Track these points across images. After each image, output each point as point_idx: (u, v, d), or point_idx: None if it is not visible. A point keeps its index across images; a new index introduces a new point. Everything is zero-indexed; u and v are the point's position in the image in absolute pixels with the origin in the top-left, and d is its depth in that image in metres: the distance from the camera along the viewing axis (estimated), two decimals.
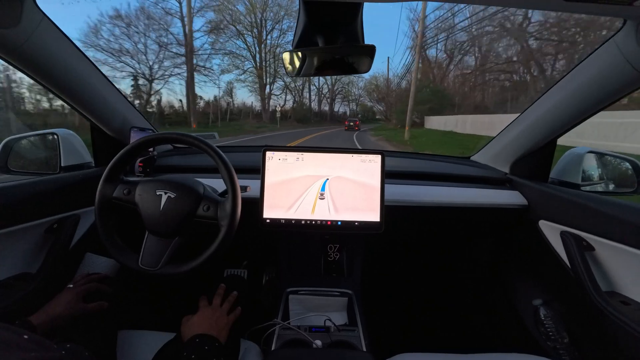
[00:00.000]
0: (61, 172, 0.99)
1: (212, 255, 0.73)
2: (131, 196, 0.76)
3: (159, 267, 0.73)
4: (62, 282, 0.79)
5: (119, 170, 0.79)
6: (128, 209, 0.77)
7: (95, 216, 0.76)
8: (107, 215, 0.77)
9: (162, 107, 19.26)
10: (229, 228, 0.73)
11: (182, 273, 0.73)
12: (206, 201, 0.76)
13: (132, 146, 0.78)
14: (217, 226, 0.74)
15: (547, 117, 0.94)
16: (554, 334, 0.95)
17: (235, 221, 0.74)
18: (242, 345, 0.80)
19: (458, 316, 1.43)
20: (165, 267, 0.74)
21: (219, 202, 0.76)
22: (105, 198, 0.77)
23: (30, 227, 0.82)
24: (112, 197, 0.77)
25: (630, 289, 0.75)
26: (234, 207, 0.73)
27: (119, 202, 0.77)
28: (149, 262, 0.74)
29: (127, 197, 0.77)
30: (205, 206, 0.76)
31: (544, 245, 0.96)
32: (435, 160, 1.40)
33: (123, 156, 0.78)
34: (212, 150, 0.76)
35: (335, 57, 0.71)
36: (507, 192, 1.11)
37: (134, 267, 0.74)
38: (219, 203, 0.76)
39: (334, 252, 1.17)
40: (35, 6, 0.68)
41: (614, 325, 0.74)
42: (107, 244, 0.76)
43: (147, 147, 0.82)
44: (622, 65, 0.68)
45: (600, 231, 0.79)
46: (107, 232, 0.76)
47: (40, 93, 11.79)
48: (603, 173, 1.09)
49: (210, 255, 0.73)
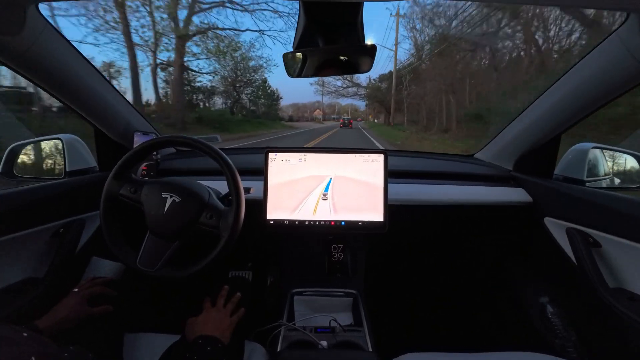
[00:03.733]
0: (66, 177, 1.00)
1: (209, 263, 0.74)
2: (137, 195, 0.77)
3: (157, 269, 0.74)
4: (68, 286, 0.79)
5: (127, 168, 0.80)
6: (133, 207, 0.78)
7: (99, 211, 0.77)
8: (112, 211, 0.78)
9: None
10: (229, 239, 0.74)
11: (179, 278, 0.74)
12: (210, 210, 0.77)
13: (143, 146, 0.79)
14: (218, 235, 0.75)
15: (550, 113, 0.93)
16: (561, 331, 0.94)
17: (235, 233, 0.75)
18: (248, 347, 0.80)
19: (464, 315, 1.42)
20: (163, 270, 0.74)
21: (222, 212, 0.77)
22: (112, 194, 0.78)
23: (37, 232, 0.83)
24: (118, 193, 0.78)
25: (638, 285, 0.74)
26: (236, 219, 0.74)
27: (125, 199, 0.78)
28: (147, 263, 0.75)
29: (134, 196, 0.78)
30: (208, 214, 0.76)
31: (549, 242, 0.95)
32: (438, 158, 1.39)
33: (133, 155, 0.79)
34: (216, 154, 0.77)
35: (336, 57, 0.71)
36: (511, 190, 1.10)
37: (131, 265, 0.75)
38: (222, 213, 0.77)
39: (337, 252, 1.16)
40: (38, 13, 0.68)
41: (621, 322, 0.74)
42: (109, 238, 0.76)
43: (155, 149, 0.83)
44: (626, 59, 0.67)
45: (607, 227, 0.78)
46: (110, 227, 0.77)
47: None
48: (608, 168, 1.08)
49: (207, 263, 0.74)
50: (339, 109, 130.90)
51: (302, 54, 0.70)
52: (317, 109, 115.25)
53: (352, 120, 34.98)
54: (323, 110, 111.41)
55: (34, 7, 0.66)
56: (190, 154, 1.35)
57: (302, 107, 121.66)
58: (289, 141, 15.07)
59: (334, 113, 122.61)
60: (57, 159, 1.05)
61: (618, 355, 0.82)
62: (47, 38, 0.72)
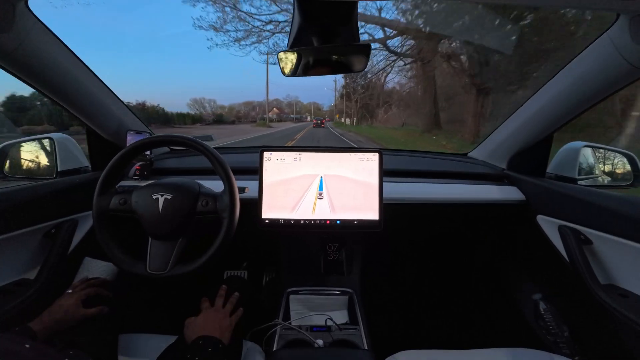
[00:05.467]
0: (58, 177, 0.99)
1: (219, 247, 0.74)
2: (128, 205, 0.76)
3: (169, 269, 0.73)
4: (61, 288, 0.78)
5: (111, 180, 0.78)
6: (127, 218, 0.76)
7: (95, 230, 0.76)
8: (107, 227, 0.77)
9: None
10: (231, 218, 0.74)
11: (194, 270, 0.73)
12: (204, 197, 0.77)
13: (122, 154, 0.77)
14: (219, 219, 0.75)
15: (543, 112, 0.94)
16: (554, 327, 0.95)
17: (236, 210, 0.75)
18: (244, 347, 0.80)
19: (459, 312, 1.44)
20: (175, 268, 0.74)
21: (217, 196, 0.77)
22: (102, 211, 0.76)
23: (28, 233, 0.81)
24: (108, 209, 0.76)
25: (629, 281, 0.75)
26: (232, 197, 0.74)
27: (117, 212, 0.76)
28: (157, 267, 0.74)
29: (124, 207, 0.76)
30: (203, 201, 0.76)
31: (542, 240, 0.96)
32: (433, 157, 1.40)
33: (114, 166, 0.77)
34: (208, 151, 0.76)
35: (331, 56, 0.71)
36: (504, 188, 1.11)
37: (143, 273, 0.73)
38: (217, 196, 0.77)
39: (333, 251, 1.17)
40: (27, 11, 0.67)
41: (613, 318, 0.75)
42: (112, 256, 0.75)
43: (138, 153, 0.81)
44: (616, 59, 0.68)
45: (598, 225, 0.80)
46: (109, 244, 0.75)
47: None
48: (599, 167, 1.10)
49: (218, 248, 0.74)
50: (300, 108, 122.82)
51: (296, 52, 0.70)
52: (275, 107, 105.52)
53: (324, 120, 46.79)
54: (280, 109, 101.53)
55: (22, 4, 0.65)
56: (185, 153, 1.34)
57: (260, 106, 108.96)
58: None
59: (294, 112, 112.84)
60: (48, 159, 1.04)
61: (609, 350, 0.83)
62: (36, 35, 0.71)
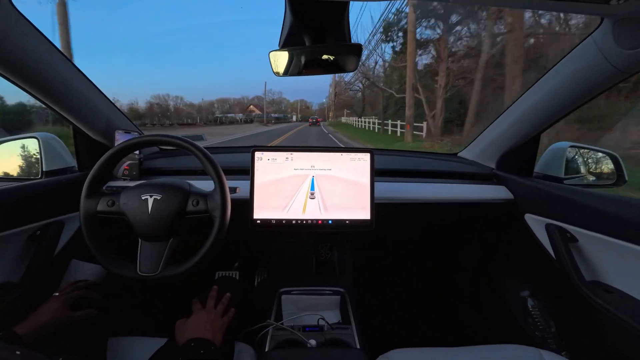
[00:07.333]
0: (43, 177, 0.96)
1: (211, 247, 0.73)
2: (116, 207, 0.74)
3: (159, 271, 0.72)
4: (47, 291, 0.76)
5: (98, 183, 0.76)
6: (116, 219, 0.75)
7: (83, 234, 0.74)
8: (95, 230, 0.75)
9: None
10: (223, 217, 0.73)
11: (185, 271, 0.72)
12: (194, 196, 0.75)
13: (110, 155, 0.75)
14: (210, 219, 0.74)
15: (530, 113, 0.96)
16: (542, 323, 0.97)
17: (227, 209, 0.74)
18: (236, 348, 0.80)
19: (449, 311, 1.46)
20: (166, 270, 0.72)
21: (208, 195, 0.76)
22: (90, 214, 0.74)
23: (12, 235, 0.79)
24: (96, 211, 0.74)
25: (613, 277, 0.77)
26: (223, 196, 0.73)
27: (105, 215, 0.75)
28: (148, 268, 0.72)
29: (112, 209, 0.74)
30: (194, 201, 0.75)
31: (530, 238, 0.98)
32: (424, 157, 1.41)
33: (101, 167, 0.75)
34: (198, 150, 0.75)
35: (322, 56, 0.71)
36: (493, 187, 1.13)
37: (134, 276, 0.72)
38: (207, 196, 0.76)
39: (325, 251, 1.17)
40: (11, 6, 0.65)
41: (598, 313, 0.77)
42: (101, 259, 0.73)
43: (127, 153, 0.79)
44: (601, 62, 0.70)
45: (583, 223, 0.81)
46: (98, 247, 0.74)
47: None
48: (585, 166, 1.12)
49: (209, 248, 0.72)
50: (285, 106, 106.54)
51: (288, 52, 0.70)
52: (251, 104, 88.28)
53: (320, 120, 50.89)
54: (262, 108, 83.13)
55: None
56: (175, 153, 1.32)
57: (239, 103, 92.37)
58: None
59: (278, 111, 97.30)
60: (33, 159, 1.01)
61: (595, 344, 0.85)
62: (20, 32, 0.69)
